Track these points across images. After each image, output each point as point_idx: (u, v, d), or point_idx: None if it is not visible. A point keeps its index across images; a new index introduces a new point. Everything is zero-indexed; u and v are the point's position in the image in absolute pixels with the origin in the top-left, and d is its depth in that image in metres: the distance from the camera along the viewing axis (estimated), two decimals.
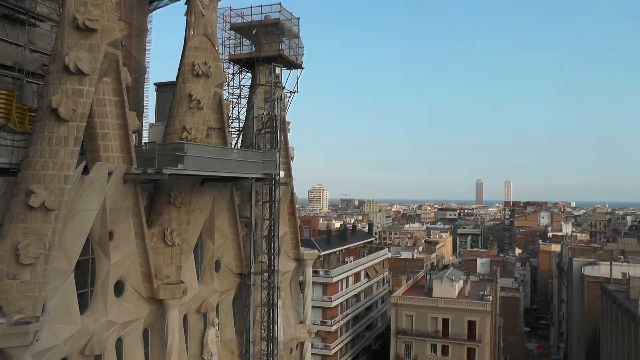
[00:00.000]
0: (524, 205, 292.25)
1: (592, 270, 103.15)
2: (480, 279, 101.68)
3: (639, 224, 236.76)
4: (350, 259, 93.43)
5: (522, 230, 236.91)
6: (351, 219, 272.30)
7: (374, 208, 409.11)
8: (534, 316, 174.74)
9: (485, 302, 79.79)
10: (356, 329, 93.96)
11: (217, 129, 34.42)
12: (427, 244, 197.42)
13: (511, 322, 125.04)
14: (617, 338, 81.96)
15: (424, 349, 79.56)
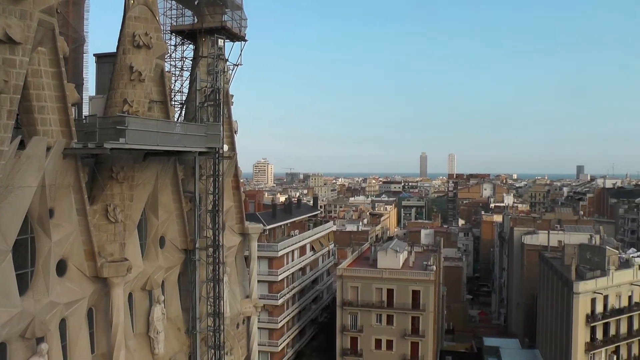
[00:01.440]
0: (467, 178, 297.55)
1: (531, 239, 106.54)
2: (424, 250, 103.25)
3: (575, 194, 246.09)
4: (296, 233, 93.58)
5: (465, 201, 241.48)
6: (296, 192, 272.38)
7: (319, 182, 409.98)
8: (476, 284, 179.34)
9: (428, 272, 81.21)
10: (302, 302, 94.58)
11: (159, 102, 33.63)
12: (372, 217, 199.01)
13: (454, 291, 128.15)
14: (553, 302, 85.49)
15: (370, 319, 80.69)
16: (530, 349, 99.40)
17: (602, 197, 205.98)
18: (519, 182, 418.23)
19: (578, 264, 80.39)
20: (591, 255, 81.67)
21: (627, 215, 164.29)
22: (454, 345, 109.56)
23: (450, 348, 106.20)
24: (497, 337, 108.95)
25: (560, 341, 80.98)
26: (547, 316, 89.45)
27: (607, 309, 77.80)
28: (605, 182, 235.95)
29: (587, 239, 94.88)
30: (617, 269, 79.99)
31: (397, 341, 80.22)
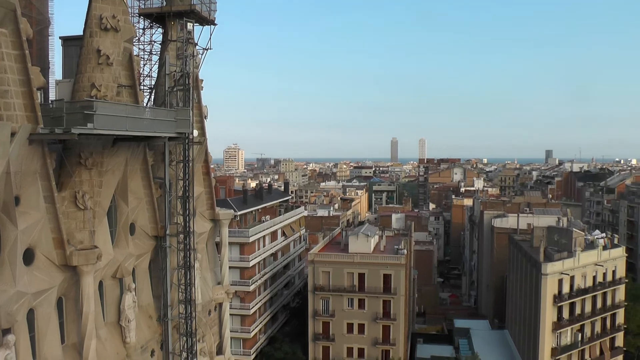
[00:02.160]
0: (438, 162, 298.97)
1: (501, 222, 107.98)
2: (395, 234, 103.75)
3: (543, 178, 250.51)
4: (267, 218, 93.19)
5: (436, 186, 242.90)
6: (267, 178, 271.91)
7: (290, 167, 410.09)
8: (447, 267, 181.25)
9: (399, 256, 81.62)
10: (274, 287, 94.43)
11: (127, 87, 32.97)
12: (343, 202, 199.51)
13: (425, 274, 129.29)
14: (522, 283, 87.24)
15: (341, 304, 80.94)
16: (500, 329, 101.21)
17: (570, 181, 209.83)
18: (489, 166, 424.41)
19: (546, 246, 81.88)
20: (559, 238, 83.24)
21: (593, 198, 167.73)
22: (425, 328, 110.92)
23: (422, 330, 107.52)
24: (467, 318, 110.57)
25: (528, 321, 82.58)
26: (516, 297, 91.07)
27: (574, 289, 79.71)
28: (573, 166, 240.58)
29: (555, 221, 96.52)
30: (583, 250, 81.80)
31: (368, 325, 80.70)
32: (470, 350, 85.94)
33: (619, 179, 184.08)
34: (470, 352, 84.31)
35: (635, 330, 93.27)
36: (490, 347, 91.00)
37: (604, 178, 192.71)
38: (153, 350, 36.10)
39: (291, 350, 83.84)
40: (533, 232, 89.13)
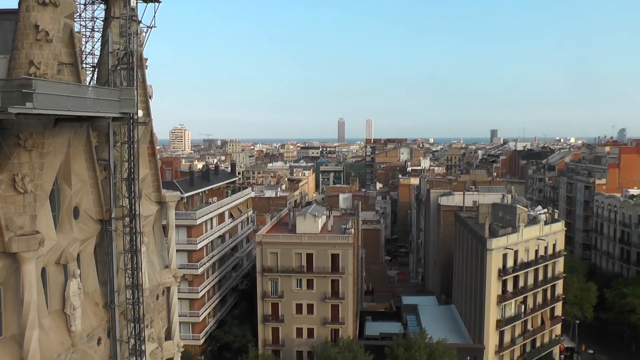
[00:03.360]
0: (384, 142, 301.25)
1: (447, 200, 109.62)
2: (342, 214, 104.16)
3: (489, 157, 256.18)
4: (214, 200, 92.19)
5: (383, 165, 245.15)
6: (214, 159, 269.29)
7: (237, 148, 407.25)
8: (394, 245, 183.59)
9: (347, 236, 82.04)
10: (223, 270, 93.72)
11: (69, 64, 31.59)
12: (291, 182, 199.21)
13: (373, 253, 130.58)
14: (467, 259, 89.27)
15: (290, 285, 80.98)
16: (447, 304, 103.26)
17: (514, 159, 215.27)
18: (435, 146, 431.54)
19: (491, 222, 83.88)
20: (503, 214, 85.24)
21: (535, 175, 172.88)
22: (374, 306, 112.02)
23: (370, 308, 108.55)
24: (415, 295, 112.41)
25: (474, 295, 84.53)
26: (462, 273, 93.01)
27: (517, 263, 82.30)
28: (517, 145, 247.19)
29: (500, 198, 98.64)
30: (526, 225, 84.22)
31: (317, 305, 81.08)
32: (418, 326, 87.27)
33: (559, 157, 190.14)
34: (418, 327, 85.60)
35: (572, 299, 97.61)
36: (438, 321, 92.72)
37: (546, 156, 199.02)
38: (100, 338, 35.13)
39: (241, 333, 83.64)
40: (478, 209, 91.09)
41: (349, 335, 79.60)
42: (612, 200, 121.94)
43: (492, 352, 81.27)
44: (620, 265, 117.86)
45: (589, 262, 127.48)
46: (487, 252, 78.38)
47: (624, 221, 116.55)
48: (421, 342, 72.82)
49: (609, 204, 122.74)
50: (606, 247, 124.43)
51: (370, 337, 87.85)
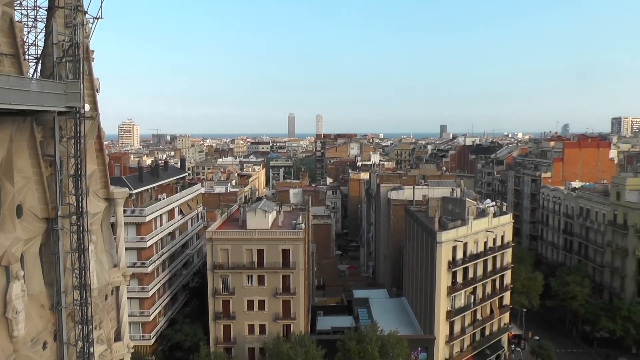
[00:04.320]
0: (334, 138, 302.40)
1: (397, 194, 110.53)
2: (293, 209, 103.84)
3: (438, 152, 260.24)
4: (164, 196, 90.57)
5: (333, 160, 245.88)
6: (163, 155, 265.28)
7: (187, 143, 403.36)
8: (345, 240, 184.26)
9: (297, 231, 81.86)
10: (173, 267, 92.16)
11: (9, 55, 30.31)
12: (241, 178, 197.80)
13: (324, 247, 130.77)
14: (418, 252, 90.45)
15: (241, 281, 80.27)
16: (398, 297, 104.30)
17: (463, 154, 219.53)
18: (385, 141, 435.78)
19: (441, 215, 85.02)
20: (453, 207, 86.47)
21: (484, 169, 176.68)
22: (325, 300, 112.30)
23: (322, 303, 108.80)
24: (366, 289, 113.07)
25: (425, 287, 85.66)
26: (413, 266, 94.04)
27: (467, 255, 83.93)
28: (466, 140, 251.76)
29: (449, 192, 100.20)
30: (475, 218, 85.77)
31: (269, 301, 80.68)
32: (370, 319, 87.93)
33: (507, 151, 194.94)
34: (370, 320, 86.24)
35: (520, 288, 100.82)
36: (389, 314, 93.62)
37: (494, 151, 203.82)
38: (45, 342, 33.91)
39: (192, 331, 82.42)
40: (428, 202, 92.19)
41: (300, 330, 79.55)
42: (556, 193, 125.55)
43: (442, 342, 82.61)
44: (564, 254, 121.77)
45: (536, 253, 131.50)
46: (437, 244, 79.45)
47: (567, 213, 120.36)
48: (373, 335, 73.45)
49: (554, 196, 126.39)
50: (551, 238, 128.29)
51: (322, 331, 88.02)
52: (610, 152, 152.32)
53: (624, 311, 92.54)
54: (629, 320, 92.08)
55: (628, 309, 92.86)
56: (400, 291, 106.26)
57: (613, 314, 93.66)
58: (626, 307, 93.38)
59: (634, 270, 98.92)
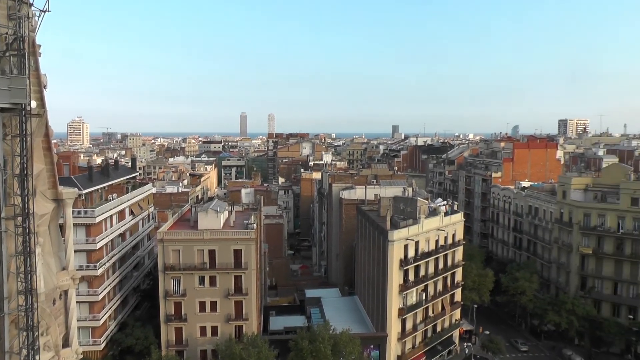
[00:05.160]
0: (287, 137, 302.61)
1: (349, 193, 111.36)
2: (245, 209, 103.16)
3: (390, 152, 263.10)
4: (114, 197, 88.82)
5: (285, 160, 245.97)
6: (114, 154, 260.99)
7: (138, 142, 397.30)
8: (297, 239, 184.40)
9: (249, 231, 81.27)
10: (123, 269, 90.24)
11: None
12: (192, 177, 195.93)
13: (276, 247, 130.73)
14: (370, 250, 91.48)
15: (193, 282, 79.18)
16: (350, 295, 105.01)
17: (415, 154, 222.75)
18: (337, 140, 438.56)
19: (393, 214, 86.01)
20: (404, 206, 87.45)
21: (436, 169, 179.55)
22: (278, 300, 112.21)
23: (274, 303, 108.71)
24: (318, 288, 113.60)
25: (377, 285, 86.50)
26: (365, 264, 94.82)
27: (418, 253, 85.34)
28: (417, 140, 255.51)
29: (401, 191, 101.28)
30: (426, 217, 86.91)
31: (221, 302, 79.89)
32: (322, 318, 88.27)
33: (458, 151, 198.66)
34: (322, 319, 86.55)
35: (471, 285, 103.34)
36: (341, 313, 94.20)
37: (445, 151, 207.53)
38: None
39: (143, 335, 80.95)
40: (380, 202, 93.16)
41: (253, 331, 79.20)
42: (506, 192, 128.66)
43: (394, 339, 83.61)
44: (514, 251, 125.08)
45: (486, 250, 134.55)
46: (389, 243, 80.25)
47: (517, 211, 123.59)
48: (325, 334, 73.73)
49: (504, 195, 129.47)
50: (501, 236, 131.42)
51: (275, 331, 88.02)
52: (557, 153, 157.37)
53: (568, 305, 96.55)
54: (573, 313, 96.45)
55: (572, 302, 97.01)
56: (353, 290, 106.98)
57: (559, 308, 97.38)
58: (570, 300, 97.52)
59: (578, 265, 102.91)
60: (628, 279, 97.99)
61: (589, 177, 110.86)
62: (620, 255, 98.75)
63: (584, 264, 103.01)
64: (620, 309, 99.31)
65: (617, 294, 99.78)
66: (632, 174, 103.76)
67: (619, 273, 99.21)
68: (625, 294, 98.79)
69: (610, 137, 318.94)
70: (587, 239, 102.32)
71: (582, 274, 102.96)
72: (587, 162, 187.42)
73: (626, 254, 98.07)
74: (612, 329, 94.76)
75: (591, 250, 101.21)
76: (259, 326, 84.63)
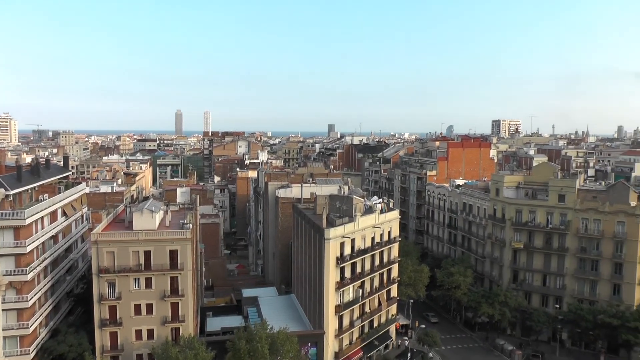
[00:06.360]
0: (222, 135, 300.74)
1: (285, 192, 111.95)
2: (180, 208, 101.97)
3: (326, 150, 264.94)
4: (45, 197, 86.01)
5: (221, 159, 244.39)
6: (45, 152, 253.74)
7: (70, 140, 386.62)
8: (233, 239, 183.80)
9: (185, 231, 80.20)
10: (56, 273, 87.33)
11: None
12: (127, 177, 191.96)
13: (212, 247, 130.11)
14: (306, 248, 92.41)
15: (128, 285, 77.42)
16: (287, 294, 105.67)
17: (351, 153, 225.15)
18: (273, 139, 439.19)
19: (329, 212, 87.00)
20: (340, 205, 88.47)
21: (371, 167, 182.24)
22: (214, 301, 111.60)
23: (211, 304, 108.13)
24: (255, 287, 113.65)
25: (314, 283, 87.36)
26: (302, 263, 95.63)
27: (354, 251, 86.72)
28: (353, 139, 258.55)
29: (337, 190, 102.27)
30: (362, 215, 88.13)
31: (156, 304, 78.67)
32: (259, 318, 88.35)
33: (394, 150, 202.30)
34: (259, 319, 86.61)
35: (407, 281, 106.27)
36: (278, 311, 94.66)
37: (381, 150, 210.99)
38: None
39: (76, 341, 78.44)
40: (316, 200, 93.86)
41: (190, 332, 78.45)
42: (441, 190, 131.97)
43: (332, 336, 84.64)
44: (449, 247, 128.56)
45: (422, 246, 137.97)
46: (325, 241, 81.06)
47: (452, 208, 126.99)
48: (262, 333, 74.07)
49: (439, 193, 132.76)
50: (437, 232, 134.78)
51: (212, 332, 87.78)
52: (491, 152, 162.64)
53: (501, 297, 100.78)
54: (506, 304, 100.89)
55: (505, 294, 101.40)
56: (290, 288, 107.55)
57: (492, 300, 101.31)
58: (503, 293, 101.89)
59: (510, 259, 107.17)
60: (555, 271, 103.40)
61: (520, 175, 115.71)
62: (549, 249, 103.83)
63: (516, 258, 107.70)
64: (548, 300, 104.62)
65: (546, 285, 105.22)
66: (559, 172, 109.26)
67: (548, 266, 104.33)
68: (553, 285, 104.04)
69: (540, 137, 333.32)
70: (519, 234, 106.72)
71: (514, 267, 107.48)
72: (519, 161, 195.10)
73: (554, 248, 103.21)
74: (540, 318, 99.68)
75: (522, 244, 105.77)
76: (195, 328, 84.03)
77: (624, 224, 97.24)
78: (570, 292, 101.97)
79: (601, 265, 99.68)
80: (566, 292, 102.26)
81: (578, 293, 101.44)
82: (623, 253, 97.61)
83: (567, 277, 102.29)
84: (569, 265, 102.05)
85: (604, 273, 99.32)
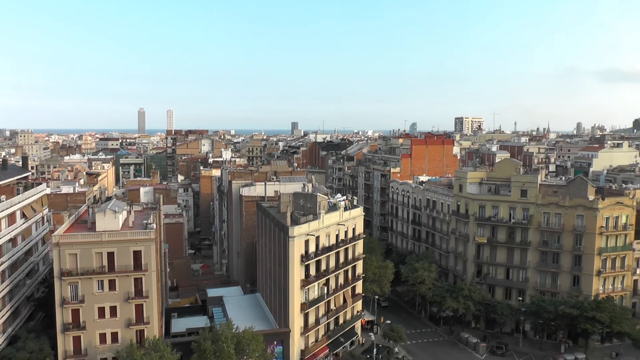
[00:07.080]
0: (185, 134, 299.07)
1: (249, 190, 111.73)
2: (144, 208, 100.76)
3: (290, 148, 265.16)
4: (3, 199, 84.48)
5: (185, 157, 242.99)
6: (2, 152, 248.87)
7: (30, 139, 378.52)
8: (197, 238, 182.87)
9: (149, 231, 79.19)
10: (15, 277, 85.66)
11: None
12: (89, 177, 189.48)
13: (176, 247, 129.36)
14: (271, 247, 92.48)
15: (91, 287, 75.91)
16: (252, 293, 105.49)
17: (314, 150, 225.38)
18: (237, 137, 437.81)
19: (293, 210, 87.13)
20: (304, 202, 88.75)
21: (335, 165, 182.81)
22: (179, 302, 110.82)
23: (176, 305, 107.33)
24: (220, 287, 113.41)
25: (278, 282, 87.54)
26: (266, 261, 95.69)
27: (319, 248, 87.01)
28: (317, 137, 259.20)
29: (301, 187, 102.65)
30: (326, 212, 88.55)
31: (120, 306, 77.37)
32: (225, 317, 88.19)
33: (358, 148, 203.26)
34: (225, 319, 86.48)
35: (371, 277, 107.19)
36: (244, 310, 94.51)
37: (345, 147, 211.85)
38: None
39: (37, 347, 76.16)
40: (280, 198, 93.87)
41: (154, 334, 77.47)
42: (405, 187, 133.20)
43: (297, 334, 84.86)
44: (413, 243, 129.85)
45: (386, 243, 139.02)
46: (289, 239, 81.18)
47: (415, 204, 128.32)
48: (228, 333, 73.98)
49: (403, 189, 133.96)
50: (401, 228, 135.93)
51: (177, 334, 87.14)
52: (454, 149, 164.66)
53: (465, 291, 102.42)
54: (470, 298, 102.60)
55: (469, 288, 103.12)
56: (255, 287, 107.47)
57: (456, 295, 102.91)
58: (467, 287, 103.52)
59: (474, 254, 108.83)
60: (518, 264, 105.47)
61: (483, 171, 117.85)
62: (512, 243, 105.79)
63: (480, 252, 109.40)
64: (511, 292, 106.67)
65: (509, 278, 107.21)
66: (521, 168, 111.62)
67: (511, 259, 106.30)
68: (516, 278, 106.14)
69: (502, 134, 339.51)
70: (482, 229, 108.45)
71: (478, 261, 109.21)
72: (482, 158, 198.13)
73: (517, 242, 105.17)
74: (504, 311, 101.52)
75: (486, 239, 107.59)
76: (160, 329, 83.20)
77: (583, 217, 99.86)
78: (532, 285, 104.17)
79: (562, 257, 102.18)
80: (529, 285, 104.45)
81: (540, 285, 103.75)
82: (582, 245, 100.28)
83: (529, 270, 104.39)
84: (531, 258, 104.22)
85: (565, 265, 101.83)
